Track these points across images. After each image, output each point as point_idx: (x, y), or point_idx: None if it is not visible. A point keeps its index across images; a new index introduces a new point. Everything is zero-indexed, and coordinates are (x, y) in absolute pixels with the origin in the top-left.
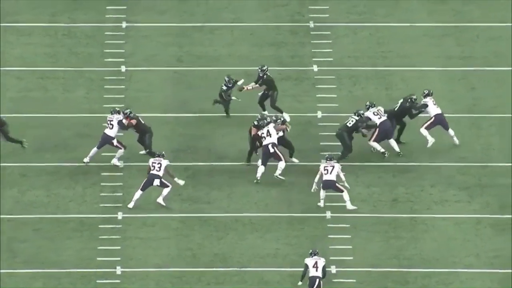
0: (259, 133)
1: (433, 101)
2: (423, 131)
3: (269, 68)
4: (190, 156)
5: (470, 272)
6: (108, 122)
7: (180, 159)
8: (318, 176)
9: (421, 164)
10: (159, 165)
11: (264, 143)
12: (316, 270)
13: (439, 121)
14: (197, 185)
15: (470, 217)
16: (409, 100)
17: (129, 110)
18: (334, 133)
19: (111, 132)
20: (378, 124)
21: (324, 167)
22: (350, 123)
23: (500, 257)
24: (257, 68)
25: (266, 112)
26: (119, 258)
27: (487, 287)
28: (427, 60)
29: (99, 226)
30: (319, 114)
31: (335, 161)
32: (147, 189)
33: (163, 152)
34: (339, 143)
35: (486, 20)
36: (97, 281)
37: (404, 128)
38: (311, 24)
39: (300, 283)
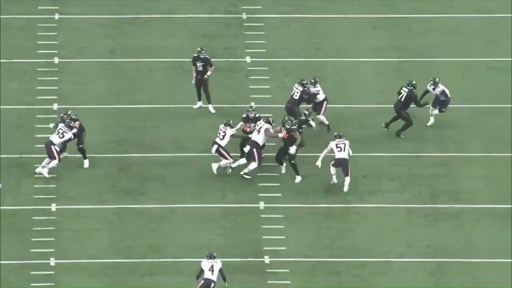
0: (252, 126)
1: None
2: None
3: None
4: (123, 148)
5: (402, 262)
6: (59, 131)
7: (113, 150)
8: (324, 153)
9: (354, 154)
10: (223, 133)
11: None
12: (212, 274)
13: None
14: (131, 177)
15: (402, 207)
16: (410, 86)
17: (70, 111)
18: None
19: (56, 139)
20: (325, 97)
21: (336, 144)
22: (296, 95)
23: (431, 247)
24: (199, 51)
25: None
26: (53, 250)
27: (419, 276)
28: (359, 52)
29: (33, 217)
30: (252, 104)
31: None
32: None
33: (230, 121)
34: None
35: (417, 12)
36: (31, 272)
37: (397, 119)
38: (244, 16)
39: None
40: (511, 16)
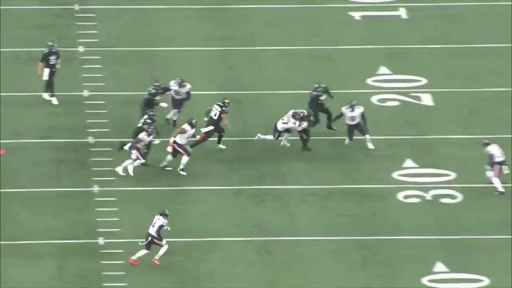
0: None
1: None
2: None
3: (37, 50)
4: None
5: (231, 241)
6: None
7: None
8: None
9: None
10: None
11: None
12: (153, 227)
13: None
14: None
15: (231, 189)
16: (317, 90)
17: None
18: (101, 111)
19: None
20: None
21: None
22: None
23: (257, 226)
24: (51, 45)
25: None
26: None
27: (247, 255)
28: (187, 41)
29: None
30: (86, 93)
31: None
32: None
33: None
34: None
35: (242, 3)
36: None
37: (331, 116)
38: (76, 7)
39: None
40: (333, 6)
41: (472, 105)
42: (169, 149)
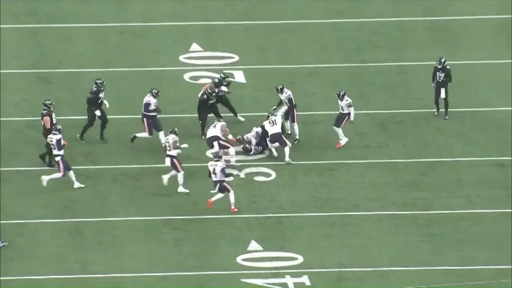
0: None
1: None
2: None
3: None
4: None
5: (41, 223)
6: None
7: None
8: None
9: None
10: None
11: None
12: (214, 174)
13: None
14: None
15: (41, 170)
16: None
17: None
18: None
19: None
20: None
21: (269, 121)
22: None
23: (68, 207)
24: None
25: None
26: None
27: (57, 236)
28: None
29: None
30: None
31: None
32: None
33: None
34: None
35: None
36: None
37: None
38: None
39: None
40: None
41: (285, 81)
42: None
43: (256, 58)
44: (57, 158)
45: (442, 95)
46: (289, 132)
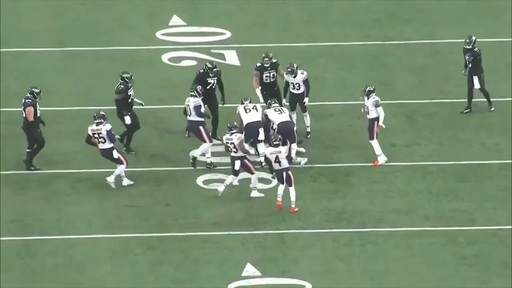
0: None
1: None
2: None
3: None
4: None
5: None
6: None
7: None
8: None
9: None
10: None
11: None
12: (278, 162)
13: None
14: None
15: None
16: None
17: None
18: None
19: None
20: None
21: (274, 108)
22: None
23: (17, 222)
24: None
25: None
26: None
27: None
28: None
29: None
30: None
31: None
32: None
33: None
34: None
35: None
36: None
37: None
38: None
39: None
40: None
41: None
42: None
43: (252, 35)
44: (115, 155)
45: (476, 85)
46: (295, 129)
